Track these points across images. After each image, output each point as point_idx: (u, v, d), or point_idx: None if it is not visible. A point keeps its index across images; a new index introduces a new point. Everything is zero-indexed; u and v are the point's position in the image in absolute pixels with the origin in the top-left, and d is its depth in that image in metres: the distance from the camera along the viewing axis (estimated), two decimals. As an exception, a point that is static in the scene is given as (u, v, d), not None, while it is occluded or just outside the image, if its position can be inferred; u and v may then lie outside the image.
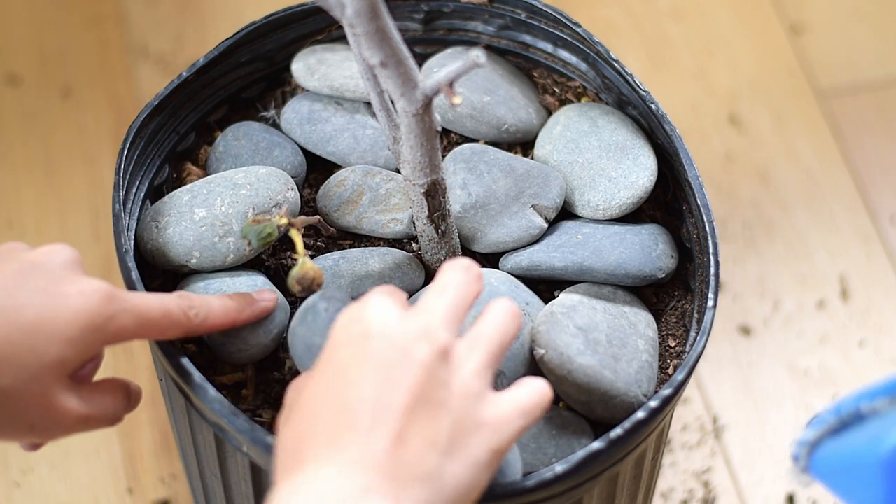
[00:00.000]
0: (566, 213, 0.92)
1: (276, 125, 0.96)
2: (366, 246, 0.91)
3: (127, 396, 0.81)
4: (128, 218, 0.88)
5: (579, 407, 0.83)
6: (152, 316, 0.79)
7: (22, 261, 0.77)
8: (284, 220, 0.83)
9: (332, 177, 0.93)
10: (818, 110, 1.42)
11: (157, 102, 0.91)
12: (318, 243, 0.92)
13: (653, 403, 0.80)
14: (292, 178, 0.92)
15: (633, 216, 0.92)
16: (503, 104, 0.94)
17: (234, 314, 0.83)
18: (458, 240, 0.89)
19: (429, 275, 0.89)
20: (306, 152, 0.95)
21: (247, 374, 0.86)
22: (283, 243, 0.90)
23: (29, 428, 0.76)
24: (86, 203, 1.33)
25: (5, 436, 0.77)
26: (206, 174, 0.94)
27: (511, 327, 0.74)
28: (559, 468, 0.78)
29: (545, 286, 0.90)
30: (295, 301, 0.88)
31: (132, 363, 1.24)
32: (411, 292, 0.88)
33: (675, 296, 0.90)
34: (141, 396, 0.83)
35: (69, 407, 0.77)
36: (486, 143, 0.94)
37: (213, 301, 0.82)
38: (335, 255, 0.89)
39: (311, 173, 0.95)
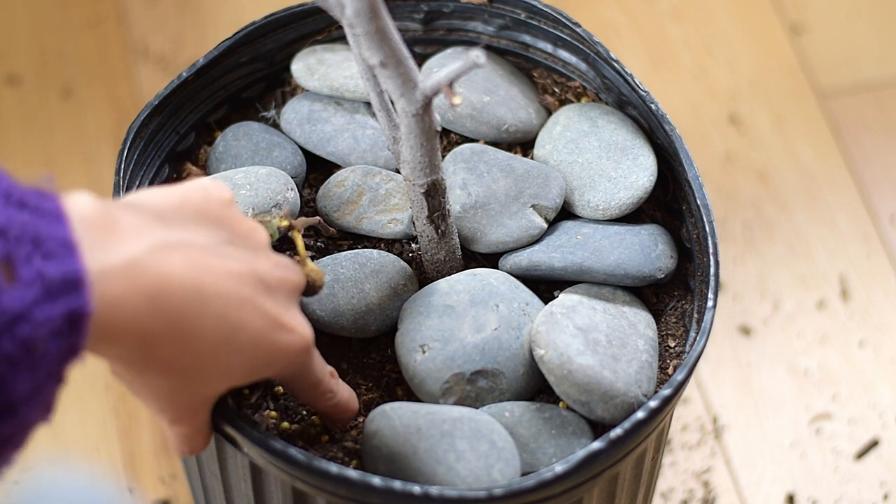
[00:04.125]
0: (566, 213, 0.92)
1: (276, 125, 0.96)
2: (365, 246, 0.91)
3: None
4: (128, 218, 0.88)
5: (579, 407, 0.83)
6: (310, 380, 0.78)
7: (251, 264, 0.72)
8: (285, 223, 0.83)
9: (332, 177, 0.93)
10: (818, 110, 1.42)
11: (157, 102, 0.91)
12: (318, 243, 0.92)
13: (653, 403, 0.80)
14: (292, 178, 0.92)
15: (632, 216, 0.92)
16: (503, 104, 0.94)
17: (347, 414, 0.82)
18: (457, 240, 0.89)
19: (427, 278, 0.89)
20: (306, 152, 0.95)
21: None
22: (283, 243, 0.90)
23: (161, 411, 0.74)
24: (86, 203, 1.33)
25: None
26: (206, 174, 0.94)
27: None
28: (559, 468, 0.78)
29: (545, 286, 0.90)
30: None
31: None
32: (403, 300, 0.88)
33: (675, 296, 0.90)
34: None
35: (207, 431, 0.77)
36: (486, 143, 0.94)
37: (344, 391, 0.81)
38: (331, 257, 0.89)
39: (311, 173, 0.95)
